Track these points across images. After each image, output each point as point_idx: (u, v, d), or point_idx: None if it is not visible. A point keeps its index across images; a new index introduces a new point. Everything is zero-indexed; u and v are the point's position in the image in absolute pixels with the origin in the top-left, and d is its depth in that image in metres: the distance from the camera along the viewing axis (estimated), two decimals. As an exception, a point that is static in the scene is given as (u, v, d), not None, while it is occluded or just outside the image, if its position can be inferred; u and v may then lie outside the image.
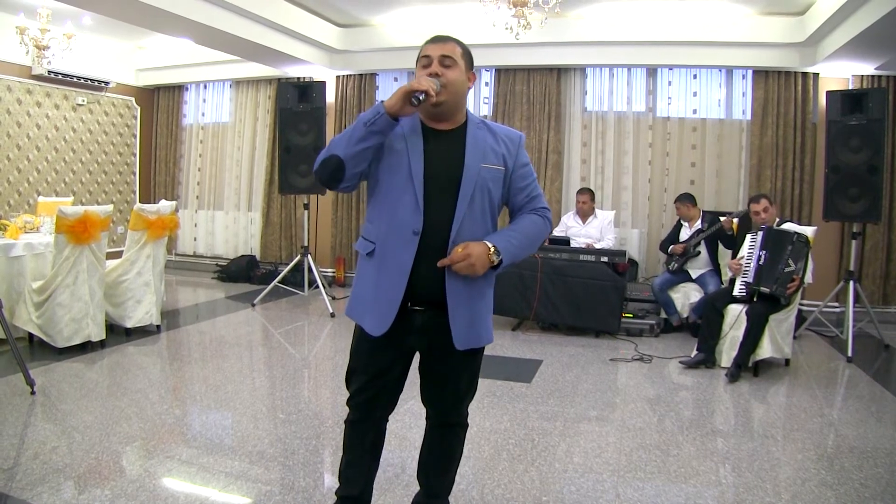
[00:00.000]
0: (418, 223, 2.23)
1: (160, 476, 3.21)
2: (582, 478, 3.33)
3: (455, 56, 2.29)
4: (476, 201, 2.28)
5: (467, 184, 2.26)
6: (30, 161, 8.50)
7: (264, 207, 9.57)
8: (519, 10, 5.68)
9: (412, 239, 2.23)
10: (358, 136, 2.18)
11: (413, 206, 2.23)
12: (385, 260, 2.29)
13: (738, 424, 4.30)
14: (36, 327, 5.16)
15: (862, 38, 5.91)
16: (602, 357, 5.71)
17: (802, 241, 5.24)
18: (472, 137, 2.33)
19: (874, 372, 5.52)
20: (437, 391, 2.52)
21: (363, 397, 2.45)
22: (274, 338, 6.33)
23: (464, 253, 2.20)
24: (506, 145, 2.37)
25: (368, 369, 2.41)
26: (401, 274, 2.25)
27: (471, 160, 2.28)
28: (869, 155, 6.08)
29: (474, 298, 2.35)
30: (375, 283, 2.32)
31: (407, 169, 2.25)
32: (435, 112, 2.30)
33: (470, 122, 2.37)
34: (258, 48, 7.56)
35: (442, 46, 2.30)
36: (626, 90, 8.20)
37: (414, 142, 2.28)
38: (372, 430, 2.51)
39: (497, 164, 2.33)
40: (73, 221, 5.09)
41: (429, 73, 2.25)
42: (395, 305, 2.26)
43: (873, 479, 3.37)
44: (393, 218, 2.26)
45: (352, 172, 2.22)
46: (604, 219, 7.25)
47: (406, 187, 2.24)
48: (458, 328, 2.30)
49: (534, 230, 2.41)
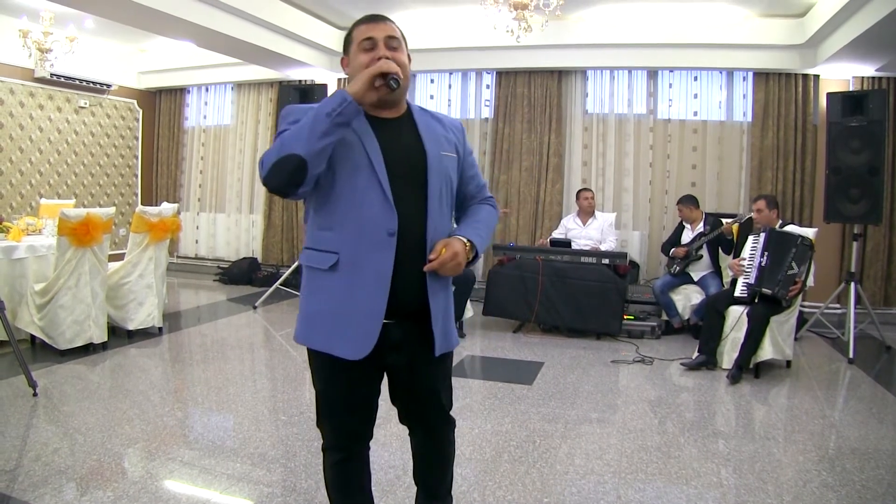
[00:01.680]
0: (392, 222, 1.97)
1: (162, 478, 3.21)
2: (583, 479, 3.33)
3: (399, 37, 2.09)
4: (443, 193, 2.10)
5: (434, 174, 2.06)
6: (32, 164, 8.52)
7: (266, 210, 9.59)
8: (520, 13, 5.70)
9: (388, 241, 1.97)
10: (321, 130, 1.86)
11: (381, 203, 1.97)
12: (357, 270, 1.99)
13: (740, 426, 4.30)
14: (38, 329, 5.17)
15: (862, 39, 5.92)
16: (603, 359, 5.71)
17: (807, 245, 5.24)
18: (423, 124, 2.13)
19: (876, 373, 5.52)
20: (420, 407, 2.28)
21: (344, 433, 2.19)
22: (275, 340, 6.33)
23: (451, 252, 2.01)
24: (454, 133, 2.20)
25: (347, 402, 2.14)
26: (380, 283, 1.98)
27: (431, 148, 2.08)
28: (869, 156, 6.09)
29: (448, 301, 2.19)
30: (344, 299, 2.01)
31: (367, 163, 1.99)
32: (386, 100, 2.03)
33: (413, 109, 2.17)
34: (259, 51, 7.58)
35: (385, 26, 2.08)
36: (626, 92, 8.22)
37: (365, 133, 2.01)
38: (364, 464, 2.28)
39: (451, 151, 2.16)
40: (75, 224, 5.10)
41: (377, 57, 1.99)
42: (379, 319, 1.99)
43: (875, 481, 3.37)
44: (361, 220, 1.98)
45: (313, 173, 1.90)
46: (604, 220, 7.24)
47: (369, 184, 1.98)
48: (438, 334, 2.09)
49: (492, 221, 2.28)
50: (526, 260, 6.56)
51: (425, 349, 2.11)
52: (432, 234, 2.05)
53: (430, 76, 8.92)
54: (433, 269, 2.02)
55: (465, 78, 8.82)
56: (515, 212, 8.38)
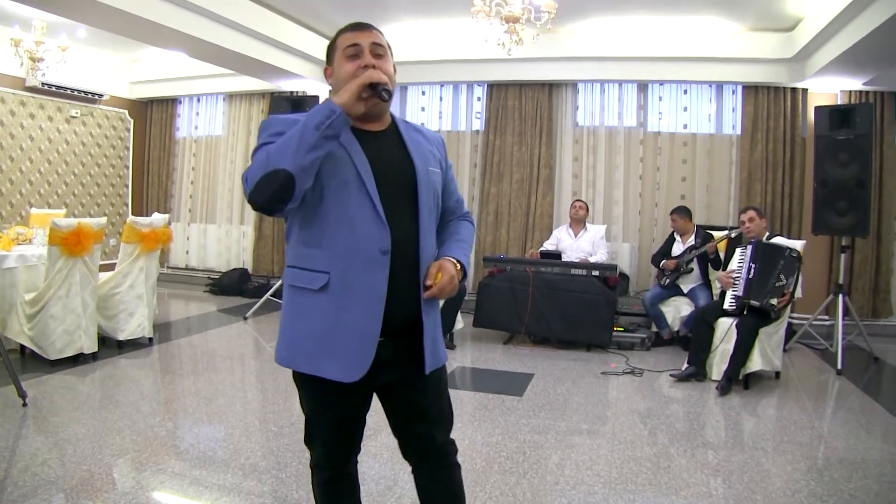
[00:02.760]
0: (386, 241, 1.90)
1: (152, 489, 3.20)
2: (573, 490, 3.34)
3: (385, 45, 2.01)
4: (432, 209, 2.05)
5: (424, 189, 2.00)
6: (22, 173, 8.49)
7: (257, 221, 9.59)
8: (511, 26, 5.73)
9: (382, 260, 1.90)
10: (309, 143, 1.77)
11: (373, 221, 1.90)
12: (349, 289, 1.91)
13: (729, 437, 4.32)
14: (28, 339, 5.14)
15: (850, 54, 6.00)
16: (593, 370, 5.73)
17: (794, 257, 5.28)
18: (410, 139, 2.06)
19: (864, 384, 5.56)
20: (420, 428, 2.15)
21: (334, 453, 2.13)
22: (266, 351, 6.32)
23: (448, 276, 1.97)
24: (437, 146, 2.15)
25: (336, 424, 2.08)
26: (375, 302, 1.90)
27: (419, 163, 2.02)
28: (857, 169, 6.15)
29: (437, 319, 2.12)
30: (336, 320, 1.92)
31: (355, 178, 1.91)
32: (372, 111, 1.95)
33: (398, 122, 2.10)
34: (251, 62, 7.60)
35: (370, 34, 1.99)
36: (617, 105, 8.28)
37: (352, 146, 1.93)
38: (354, 479, 2.22)
39: (436, 167, 2.11)
40: (66, 233, 5.09)
41: (363, 65, 1.92)
42: (374, 340, 1.91)
43: (863, 491, 3.39)
44: (352, 238, 1.90)
45: (301, 189, 1.80)
46: (595, 233, 7.27)
47: (360, 200, 1.90)
48: (428, 351, 2.03)
49: (471, 238, 2.25)
50: (516, 272, 6.58)
51: (413, 367, 2.04)
52: (424, 251, 1.99)
53: (422, 88, 8.96)
54: (433, 295, 1.98)
55: (457, 90, 8.86)
56: (506, 224, 8.41)
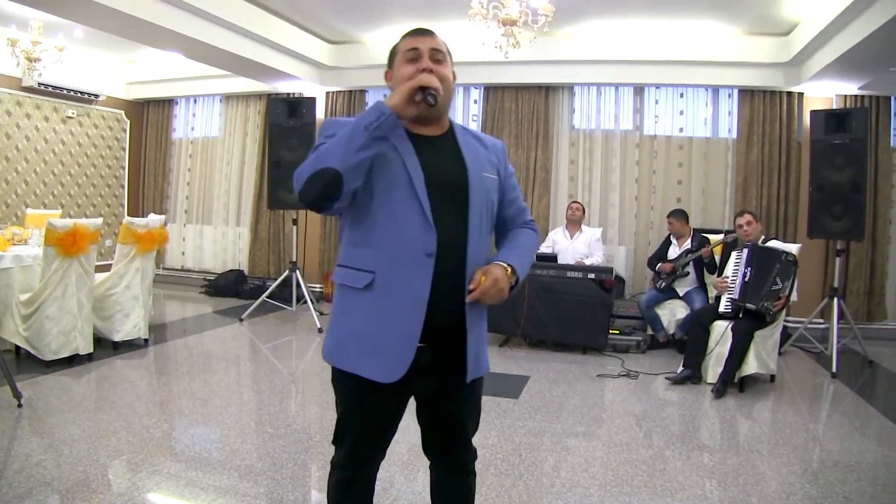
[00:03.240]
0: (431, 243, 1.89)
1: (148, 490, 3.19)
2: (569, 492, 3.35)
3: (444, 51, 2.03)
4: (483, 215, 2.02)
5: (476, 194, 1.99)
6: (18, 173, 8.48)
7: (253, 222, 9.58)
8: (508, 29, 5.74)
9: (426, 262, 1.89)
10: (359, 144, 1.80)
11: (420, 223, 1.90)
12: (392, 291, 1.91)
13: (724, 439, 4.33)
14: (23, 340, 5.13)
15: (845, 58, 6.02)
16: (589, 373, 5.73)
17: (790, 260, 5.30)
18: (465, 144, 2.06)
19: (858, 387, 5.58)
20: (446, 436, 2.19)
21: (359, 456, 2.10)
22: (262, 353, 6.32)
23: (491, 279, 1.92)
24: (495, 154, 2.14)
25: (369, 425, 2.06)
26: (416, 305, 1.90)
27: (473, 168, 2.01)
28: (852, 173, 6.17)
29: (483, 326, 2.11)
30: (378, 320, 1.93)
31: (406, 181, 1.91)
32: (427, 116, 1.98)
33: (456, 127, 2.11)
34: (248, 63, 7.60)
35: (431, 39, 2.01)
36: (613, 108, 8.29)
37: (406, 150, 1.94)
38: (365, 488, 2.17)
39: (493, 173, 2.08)
40: (62, 234, 5.08)
41: (422, 69, 1.94)
42: (414, 343, 1.91)
43: (857, 493, 3.40)
44: (398, 240, 1.91)
45: (349, 188, 1.83)
46: (591, 235, 7.28)
47: (408, 202, 1.90)
48: (471, 359, 2.01)
49: (532, 246, 2.20)
50: (513, 274, 6.57)
51: (456, 375, 2.02)
52: (472, 256, 1.97)
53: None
54: (475, 299, 1.93)
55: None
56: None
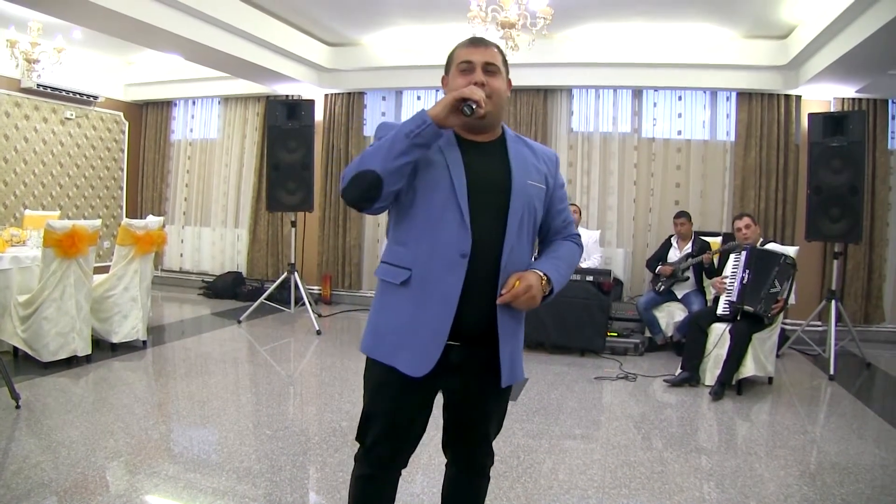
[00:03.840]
0: (466, 244, 1.95)
1: (146, 492, 3.19)
2: (567, 494, 3.35)
3: (498, 63, 2.07)
4: (524, 221, 2.05)
5: (517, 200, 2.02)
6: (17, 174, 8.47)
7: (251, 224, 9.57)
8: (507, 32, 5.75)
9: (459, 262, 1.95)
10: (399, 150, 1.89)
11: (458, 225, 1.96)
12: (426, 288, 1.98)
13: (722, 442, 4.33)
14: (21, 341, 5.12)
15: (843, 61, 6.03)
16: (587, 375, 5.74)
17: (789, 264, 5.30)
18: (514, 151, 2.10)
19: (856, 390, 5.59)
20: (467, 435, 2.23)
21: (382, 449, 2.10)
22: (260, 355, 6.32)
23: (524, 285, 1.97)
24: (546, 163, 2.16)
25: (393, 417, 2.08)
26: (447, 303, 1.96)
27: (518, 174, 2.05)
28: (850, 176, 6.18)
29: (518, 332, 2.14)
30: (412, 315, 2.00)
31: (448, 184, 1.98)
32: (476, 124, 2.05)
33: (508, 135, 2.15)
34: (247, 65, 7.61)
35: (485, 51, 2.06)
36: (611, 111, 8.30)
37: (452, 154, 2.02)
38: (390, 485, 2.18)
39: (539, 182, 2.11)
40: (61, 235, 5.08)
41: (473, 83, 1.99)
42: (442, 340, 1.97)
43: (855, 495, 3.41)
44: (436, 239, 1.97)
45: (388, 190, 1.92)
46: (589, 238, 7.28)
47: (448, 204, 1.97)
48: (505, 363, 2.05)
49: (574, 259, 2.22)
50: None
51: (484, 377, 2.07)
52: (507, 260, 2.01)
53: (417, 93, 8.98)
54: (506, 301, 1.98)
55: (453, 95, 8.85)
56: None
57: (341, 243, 9.10)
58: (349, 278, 9.09)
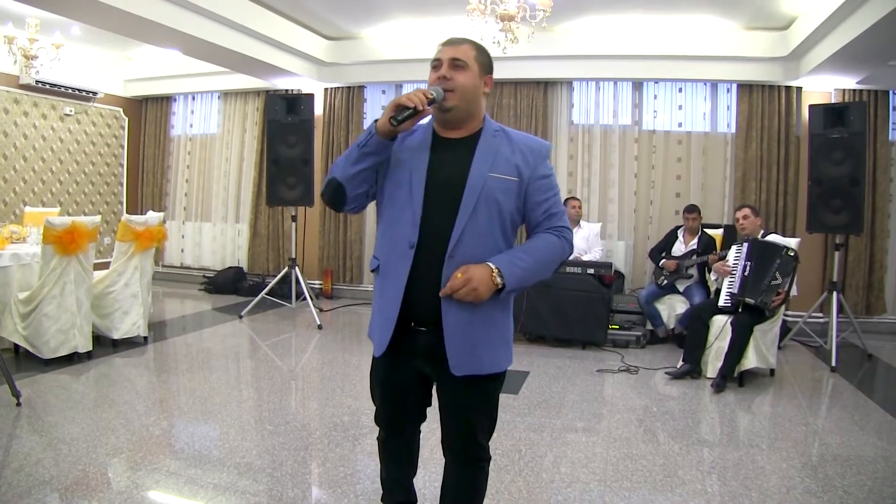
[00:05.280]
0: (414, 235, 2.10)
1: (147, 488, 3.20)
2: (569, 487, 3.35)
3: (467, 59, 2.14)
4: (480, 213, 2.10)
5: (470, 193, 2.10)
6: (16, 171, 8.46)
7: (252, 219, 9.56)
8: (506, 24, 5.73)
9: (408, 253, 2.10)
10: (354, 158, 2.11)
11: (411, 217, 2.11)
12: (386, 276, 2.18)
13: (724, 434, 4.33)
14: (22, 338, 5.12)
15: (844, 52, 6.01)
16: (589, 368, 5.73)
17: (791, 256, 5.29)
18: (484, 145, 2.16)
19: (858, 381, 5.58)
20: (448, 421, 2.30)
21: (383, 415, 2.43)
22: (261, 350, 6.31)
23: (464, 279, 2.02)
24: (522, 155, 2.17)
25: (383, 389, 2.36)
26: (398, 291, 2.12)
27: (477, 168, 2.12)
28: (851, 167, 6.17)
29: (476, 323, 2.13)
30: (379, 300, 2.23)
31: (408, 179, 2.14)
32: (446, 119, 2.17)
33: (486, 129, 2.21)
34: (247, 60, 7.58)
35: (454, 49, 2.16)
36: (612, 103, 8.27)
37: (419, 153, 2.17)
38: (402, 445, 2.50)
39: (508, 174, 2.14)
40: (60, 232, 5.08)
41: (437, 77, 2.13)
42: (392, 324, 2.14)
43: (856, 487, 3.41)
44: (395, 233, 2.15)
45: (353, 194, 2.15)
46: (590, 230, 7.27)
47: (406, 203, 2.13)
48: (453, 352, 2.11)
49: (547, 251, 2.20)
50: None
51: (444, 363, 2.14)
52: (455, 251, 2.08)
53: (417, 86, 8.93)
54: (445, 294, 2.07)
55: (452, 88, 8.83)
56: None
57: (342, 238, 9.10)
58: (350, 273, 9.09)
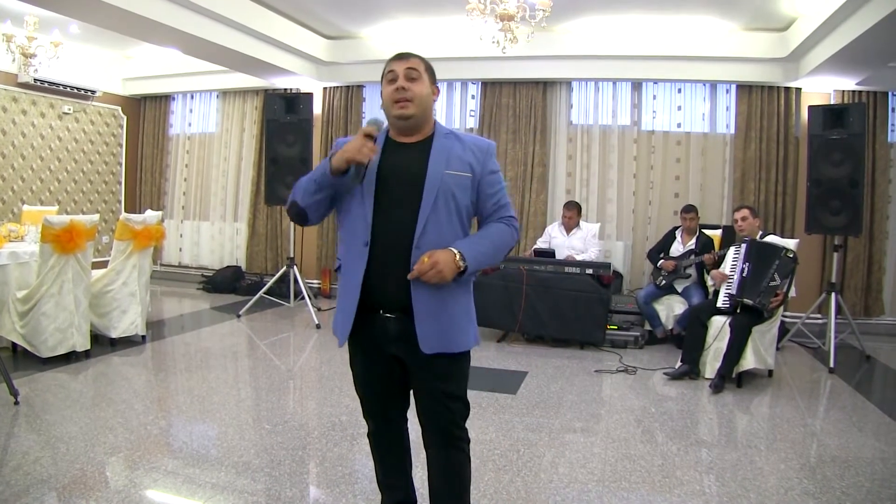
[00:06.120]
0: (367, 234, 2.28)
1: (145, 487, 3.19)
2: (567, 488, 3.35)
3: (420, 70, 2.37)
4: (440, 207, 2.28)
5: (429, 189, 2.28)
6: (14, 169, 8.45)
7: (250, 218, 9.56)
8: (506, 24, 5.73)
9: (362, 251, 2.28)
10: (312, 190, 2.31)
11: (364, 217, 2.29)
12: (346, 274, 2.36)
13: (722, 435, 4.33)
14: (20, 337, 5.12)
15: (843, 54, 6.01)
16: (587, 368, 5.73)
17: (790, 257, 5.28)
18: (438, 146, 2.36)
19: (856, 382, 5.58)
20: (423, 405, 2.44)
21: (367, 406, 2.56)
22: (259, 349, 6.31)
23: (431, 262, 2.19)
24: (473, 153, 2.37)
25: (363, 379, 2.51)
26: (355, 286, 2.30)
27: (434, 166, 2.31)
28: (850, 169, 6.17)
29: (446, 302, 2.32)
30: (341, 296, 2.39)
31: (359, 188, 2.31)
32: (404, 126, 2.36)
33: (437, 132, 2.41)
34: (245, 59, 7.58)
35: (406, 61, 2.37)
36: (611, 104, 8.28)
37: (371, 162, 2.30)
38: (391, 438, 2.60)
39: (462, 170, 2.34)
40: (58, 231, 5.07)
41: (396, 87, 2.32)
42: (351, 317, 2.33)
43: (855, 488, 3.41)
44: (351, 235, 2.34)
45: (315, 216, 2.38)
46: (588, 231, 7.27)
47: (360, 204, 2.31)
48: (424, 332, 2.27)
49: (500, 237, 2.42)
50: (510, 270, 6.57)
51: (416, 346, 2.28)
52: (423, 242, 2.25)
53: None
54: (414, 277, 2.22)
55: (451, 88, 8.84)
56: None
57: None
58: (348, 272, 9.06)
